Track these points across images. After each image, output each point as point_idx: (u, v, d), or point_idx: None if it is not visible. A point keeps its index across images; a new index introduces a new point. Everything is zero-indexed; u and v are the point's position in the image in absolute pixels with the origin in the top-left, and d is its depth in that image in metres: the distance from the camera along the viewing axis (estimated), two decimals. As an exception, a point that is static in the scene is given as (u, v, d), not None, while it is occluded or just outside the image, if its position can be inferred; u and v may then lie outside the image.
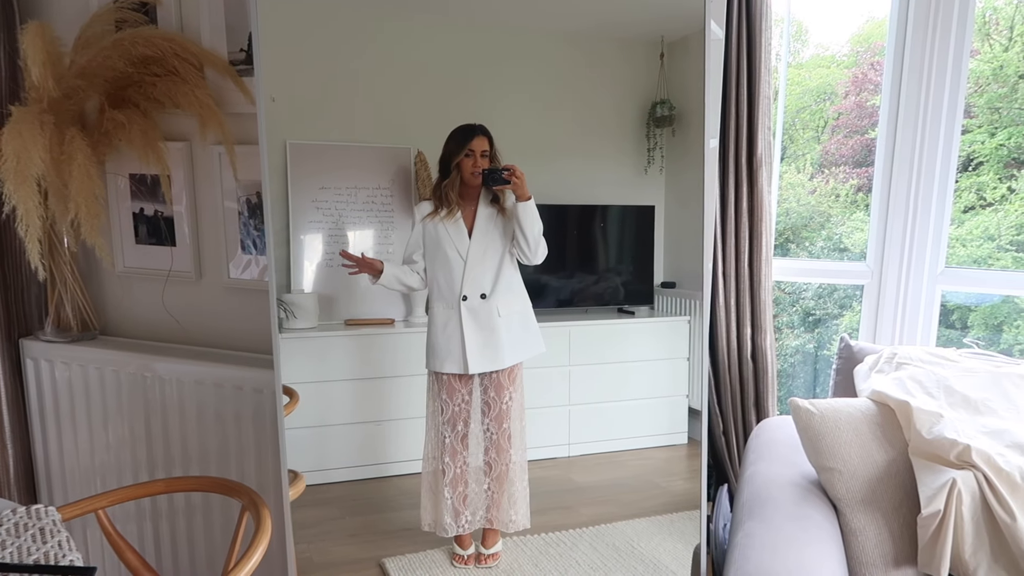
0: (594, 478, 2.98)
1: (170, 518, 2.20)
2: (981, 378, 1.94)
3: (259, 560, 1.44)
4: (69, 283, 2.22)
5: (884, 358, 2.10)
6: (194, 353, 2.17)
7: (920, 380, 1.93)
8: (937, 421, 1.75)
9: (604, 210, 2.88)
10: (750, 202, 2.58)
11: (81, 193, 1.91)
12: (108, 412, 2.23)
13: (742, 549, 1.63)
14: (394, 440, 2.85)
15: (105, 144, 2.05)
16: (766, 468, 2.00)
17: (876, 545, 1.73)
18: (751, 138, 2.55)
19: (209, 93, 2.00)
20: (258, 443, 2.04)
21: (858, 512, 1.76)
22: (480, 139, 2.32)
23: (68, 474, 2.34)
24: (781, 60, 2.90)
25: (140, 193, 2.23)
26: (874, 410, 1.85)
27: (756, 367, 2.69)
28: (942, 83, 2.51)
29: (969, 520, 1.63)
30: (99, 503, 1.69)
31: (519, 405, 2.49)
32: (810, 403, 1.83)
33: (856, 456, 1.77)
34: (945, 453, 1.69)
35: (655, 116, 2.88)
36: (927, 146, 2.55)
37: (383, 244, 2.79)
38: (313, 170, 2.68)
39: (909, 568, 1.71)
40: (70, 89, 1.99)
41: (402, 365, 2.75)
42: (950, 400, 1.88)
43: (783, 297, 3.32)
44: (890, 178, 2.63)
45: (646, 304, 2.95)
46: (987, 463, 1.66)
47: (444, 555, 2.57)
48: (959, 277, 2.65)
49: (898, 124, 2.59)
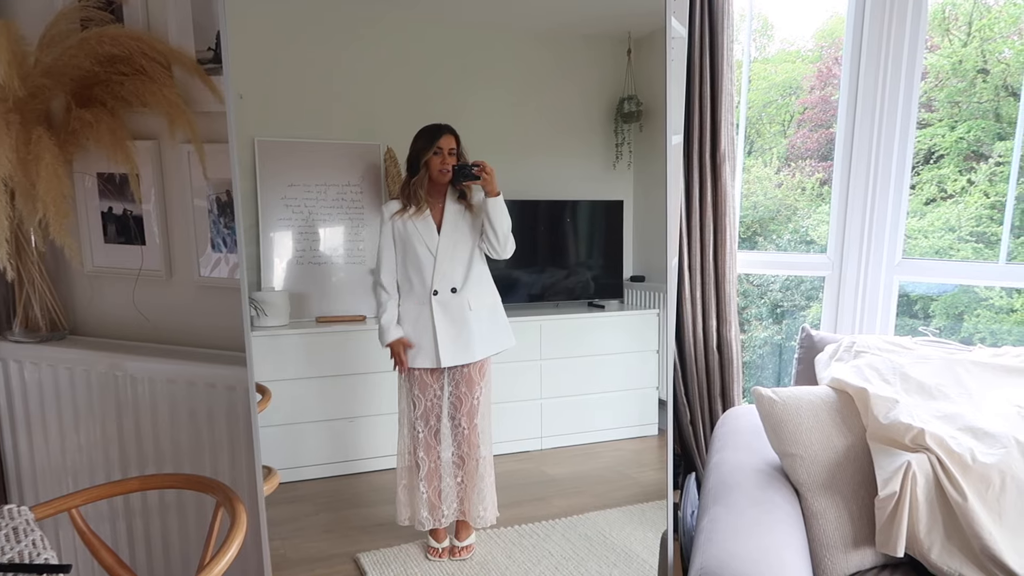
0: (566, 470, 3.00)
1: (144, 517, 2.20)
2: (935, 365, 2.01)
3: (234, 555, 1.45)
4: (37, 283, 2.20)
5: (843, 347, 2.16)
6: (166, 352, 2.17)
7: (877, 367, 1.99)
8: (893, 407, 1.81)
9: (573, 205, 2.90)
10: (714, 196, 2.64)
11: (49, 193, 1.89)
12: (79, 412, 2.22)
13: (708, 534, 1.67)
14: (366, 436, 2.84)
15: (72, 143, 2.04)
16: (731, 456, 2.05)
17: (836, 527, 1.78)
18: (715, 134, 2.60)
19: (177, 92, 1.99)
20: (231, 440, 2.04)
21: (819, 496, 1.81)
22: (447, 137, 2.34)
23: (39, 475, 2.32)
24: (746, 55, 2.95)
25: (108, 192, 2.21)
26: (834, 397, 1.91)
27: (722, 358, 2.75)
28: (897, 77, 2.58)
29: (924, 501, 1.69)
30: (72, 502, 1.68)
31: (487, 400, 2.52)
32: (772, 391, 1.88)
33: (817, 442, 1.83)
34: (901, 437, 1.75)
35: (623, 112, 2.91)
36: (884, 139, 2.62)
37: (353, 241, 2.79)
38: (282, 167, 2.66)
39: (867, 548, 1.77)
40: (36, 88, 1.97)
41: (373, 362, 2.74)
42: (905, 386, 1.94)
43: (751, 290, 3.37)
44: (849, 171, 2.70)
45: (616, 298, 2.98)
46: (940, 446, 1.72)
47: (418, 549, 2.58)
48: (916, 268, 2.73)
49: (856, 118, 2.66)
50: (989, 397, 1.92)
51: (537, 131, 2.87)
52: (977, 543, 1.63)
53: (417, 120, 2.56)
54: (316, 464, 2.79)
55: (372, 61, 2.68)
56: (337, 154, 2.71)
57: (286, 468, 2.74)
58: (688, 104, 2.60)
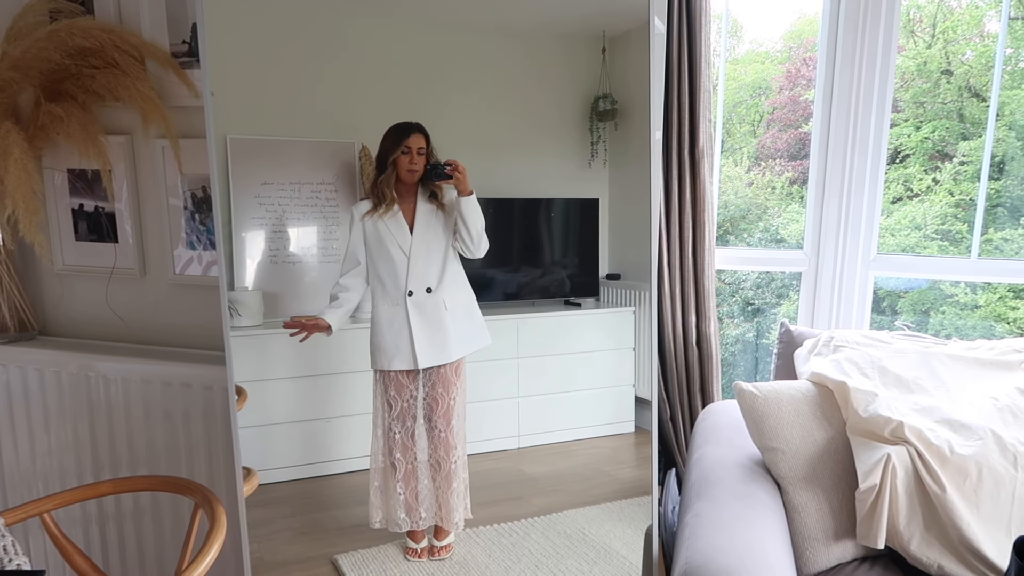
0: (544, 468, 3.01)
1: (118, 521, 2.15)
2: (912, 358, 2.03)
3: (215, 557, 1.43)
4: (5, 282, 2.14)
5: (822, 341, 2.18)
6: (140, 351, 2.12)
7: (856, 361, 2.01)
8: (872, 400, 1.83)
9: (549, 203, 2.91)
10: (693, 192, 2.65)
11: (18, 189, 1.84)
12: (50, 414, 2.16)
13: (691, 528, 1.67)
14: (339, 437, 2.82)
15: (41, 139, 1.98)
16: (712, 451, 2.06)
17: (817, 520, 1.79)
18: (693, 130, 2.61)
19: (151, 86, 1.95)
20: (208, 441, 2.01)
21: (800, 489, 1.82)
22: (416, 136, 2.33)
23: (8, 479, 2.26)
24: (720, 55, 2.97)
25: (79, 189, 2.16)
26: (814, 391, 1.93)
27: (701, 353, 2.76)
28: (872, 77, 2.61)
29: (903, 493, 1.71)
30: (44, 506, 1.64)
31: (463, 401, 2.51)
32: (753, 386, 1.89)
33: (797, 436, 1.84)
34: (880, 430, 1.77)
35: (598, 110, 2.92)
36: (859, 138, 2.65)
37: (327, 240, 2.76)
38: (255, 166, 2.63)
39: (848, 541, 1.78)
40: (2, 82, 1.92)
41: (346, 362, 2.73)
42: (884, 380, 1.96)
43: (723, 287, 3.40)
44: (824, 169, 2.73)
45: (592, 296, 2.99)
46: (919, 438, 1.74)
47: (397, 549, 2.57)
48: (891, 263, 2.77)
49: (831, 117, 2.69)
50: (965, 389, 1.95)
51: (512, 130, 2.87)
52: (955, 534, 1.66)
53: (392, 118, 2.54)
54: (289, 466, 2.77)
55: (347, 59, 2.67)
56: (311, 152, 2.69)
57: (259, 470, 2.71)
58: (667, 101, 2.60)
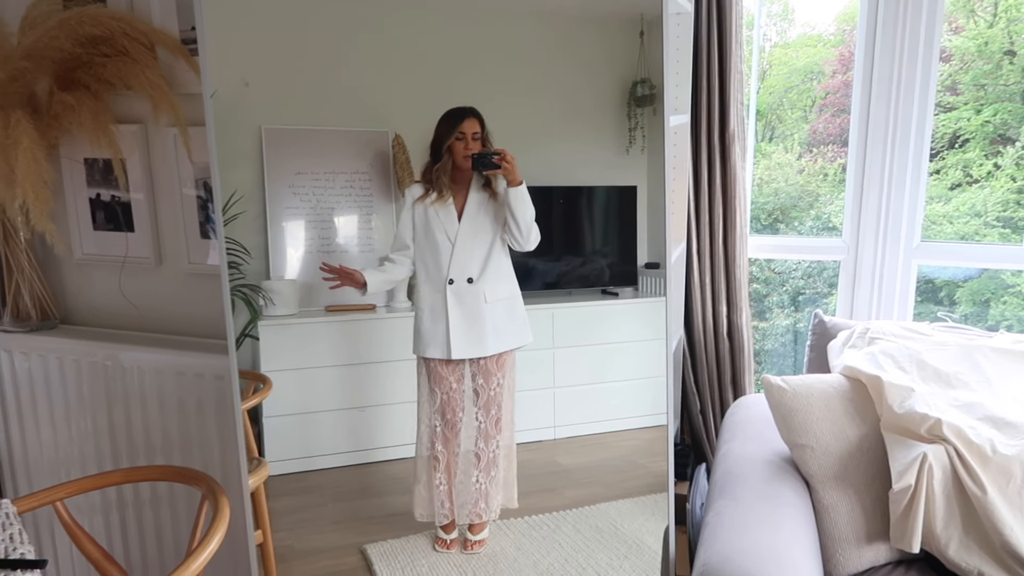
0: (579, 460, 2.97)
1: (136, 509, 2.16)
2: (953, 352, 1.92)
3: (216, 547, 1.40)
4: (26, 271, 2.16)
5: (857, 333, 2.08)
6: (153, 340, 2.12)
7: (892, 354, 1.91)
8: (908, 395, 1.73)
9: (587, 191, 2.85)
10: (723, 179, 2.55)
11: (28, 178, 1.85)
12: (70, 403, 2.18)
13: (712, 528, 1.61)
14: (377, 426, 2.82)
15: (56, 128, 1.99)
16: (739, 446, 1.99)
17: (848, 521, 1.72)
18: (723, 113, 2.51)
19: (161, 73, 1.93)
20: (221, 432, 2.00)
21: (830, 488, 1.74)
22: (471, 121, 2.28)
23: (33, 466, 2.29)
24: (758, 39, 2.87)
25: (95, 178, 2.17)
26: (846, 385, 1.84)
27: (732, 345, 2.67)
28: (914, 58, 2.48)
29: (940, 494, 1.62)
30: (56, 494, 1.65)
31: (509, 391, 2.46)
32: (782, 380, 1.82)
33: (828, 432, 1.76)
34: (916, 427, 1.68)
35: (636, 95, 2.85)
36: (901, 119, 2.53)
37: (364, 229, 2.75)
38: (289, 155, 2.63)
39: (882, 543, 1.70)
40: (16, 71, 1.92)
41: (384, 351, 2.72)
42: (922, 374, 1.86)
43: (772, 277, 3.31)
44: (864, 152, 2.60)
45: (630, 285, 2.93)
46: (958, 436, 1.64)
47: (426, 540, 2.55)
48: (936, 251, 2.63)
49: (871, 97, 2.56)
50: (1010, 385, 1.84)
51: (548, 116, 2.81)
52: (997, 538, 1.56)
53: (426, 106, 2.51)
54: (326, 454, 2.77)
55: (381, 47, 2.64)
56: (345, 141, 2.68)
57: (296, 458, 2.73)
58: (695, 83, 2.51)
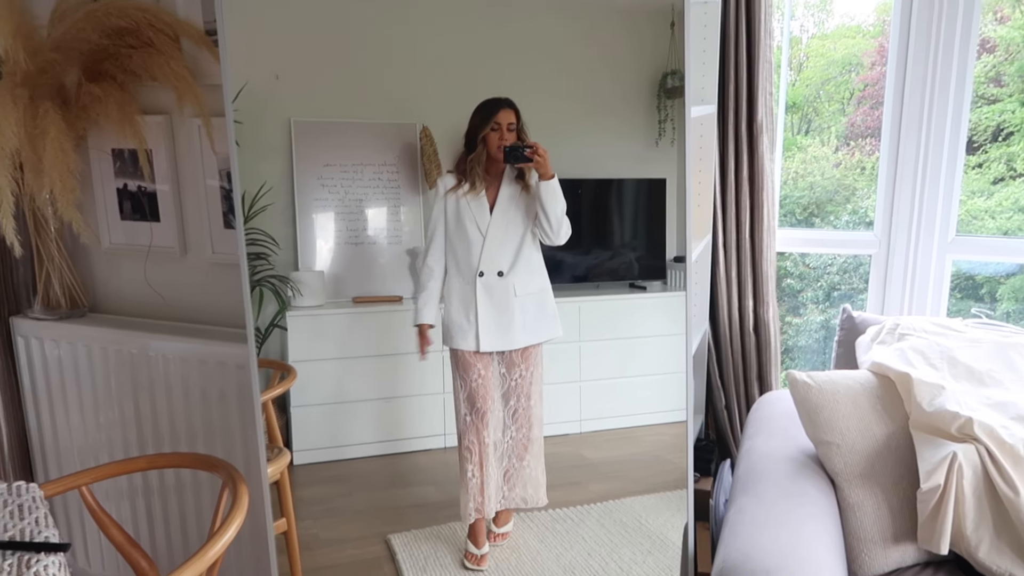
0: (605, 454, 2.95)
1: (162, 495, 2.20)
2: (987, 349, 1.87)
3: (234, 534, 1.42)
4: (56, 260, 2.20)
5: (886, 329, 2.03)
6: (178, 329, 2.15)
7: (923, 351, 1.86)
8: (939, 393, 1.69)
9: (616, 184, 2.82)
10: (751, 170, 2.50)
11: (55, 168, 1.88)
12: (98, 390, 2.22)
13: (733, 526, 1.58)
14: (405, 417, 2.83)
15: (84, 119, 2.02)
16: (763, 443, 1.95)
17: (875, 521, 1.68)
18: (751, 104, 2.46)
19: (185, 64, 1.95)
20: (243, 420, 2.02)
21: (856, 487, 1.71)
22: (506, 111, 2.26)
23: (63, 452, 2.34)
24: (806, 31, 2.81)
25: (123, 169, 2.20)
26: (874, 382, 1.79)
27: (759, 340, 2.62)
28: (950, 47, 2.40)
29: (971, 495, 1.57)
30: (82, 480, 1.68)
31: (537, 384, 2.44)
32: (808, 375, 1.78)
33: (855, 429, 1.72)
34: (946, 426, 1.63)
35: (666, 87, 2.80)
36: (936, 111, 2.46)
37: (393, 221, 2.76)
38: (318, 148, 2.65)
39: (909, 544, 1.66)
40: (45, 63, 1.95)
41: (412, 342, 2.72)
42: (953, 371, 1.81)
43: (807, 272, 3.25)
44: (898, 143, 2.53)
45: (659, 279, 2.90)
46: (990, 436, 1.59)
47: (450, 531, 2.55)
48: (972, 245, 2.56)
49: (905, 88, 2.49)
50: (1047, 384, 1.77)
51: (576, 108, 2.79)
52: (1030, 542, 1.50)
53: (454, 99, 2.51)
54: (354, 444, 2.79)
55: (409, 40, 2.64)
56: (373, 134, 2.69)
57: (322, 448, 2.75)
58: (723, 72, 2.46)
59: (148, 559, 1.68)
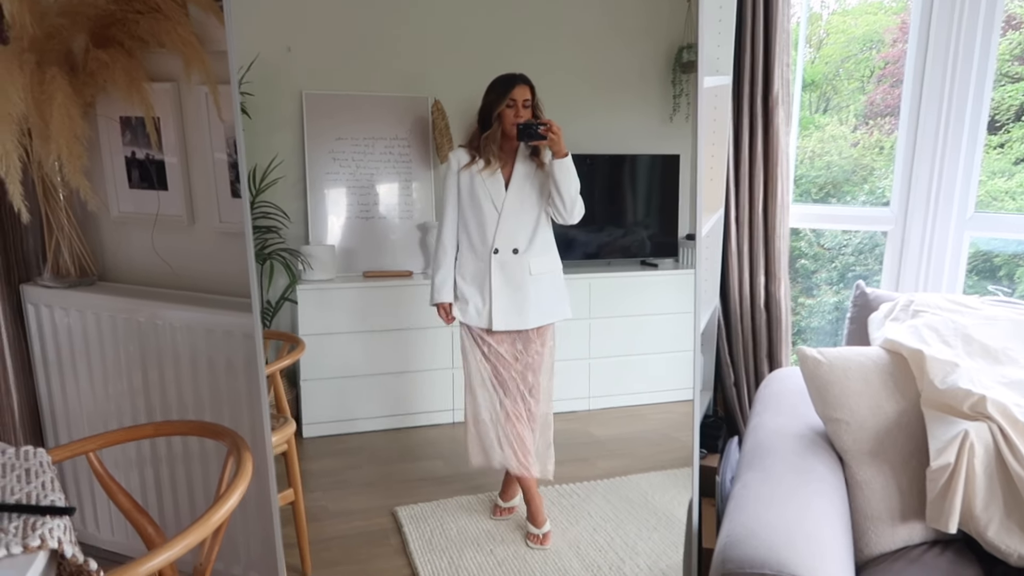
0: (613, 431, 2.96)
1: (170, 464, 2.21)
2: (1003, 326, 1.83)
3: (238, 499, 1.42)
4: (66, 229, 2.21)
5: (900, 306, 1.99)
6: (186, 298, 2.16)
7: (937, 328, 1.83)
8: (952, 371, 1.66)
9: (630, 160, 2.80)
10: (765, 144, 2.46)
11: (62, 134, 1.87)
12: (107, 358, 2.23)
13: (739, 500, 1.57)
14: (413, 392, 2.85)
15: (91, 85, 2.01)
16: (771, 419, 1.94)
17: (883, 498, 1.67)
18: (767, 75, 2.41)
19: (192, 31, 1.94)
20: (250, 390, 2.02)
21: (865, 464, 1.69)
22: (521, 88, 2.24)
23: (72, 419, 2.36)
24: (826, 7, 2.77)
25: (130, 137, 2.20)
26: (886, 359, 1.77)
27: (770, 316, 2.60)
28: (975, 23, 2.34)
29: (982, 474, 1.55)
30: (89, 446, 1.68)
31: (550, 360, 2.45)
32: (818, 351, 1.76)
33: (865, 406, 1.70)
34: (959, 404, 1.61)
35: (681, 61, 2.77)
36: (958, 87, 2.40)
37: (404, 196, 2.76)
38: (330, 121, 2.65)
39: (916, 522, 1.65)
40: (52, 28, 1.94)
41: (422, 317, 2.73)
42: (968, 349, 1.78)
43: (821, 253, 3.21)
44: (917, 119, 2.48)
45: (671, 256, 2.88)
46: (1003, 414, 1.57)
47: (456, 505, 2.58)
48: (991, 222, 2.51)
49: (927, 62, 2.44)
50: (1064, 363, 1.74)
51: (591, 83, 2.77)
52: (1041, 522, 1.48)
53: (466, 72, 2.49)
54: (363, 418, 2.81)
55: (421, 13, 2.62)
56: (385, 107, 2.68)
57: (331, 421, 2.77)
58: (739, 42, 2.41)
59: (155, 525, 1.70)
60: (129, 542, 2.34)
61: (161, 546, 1.23)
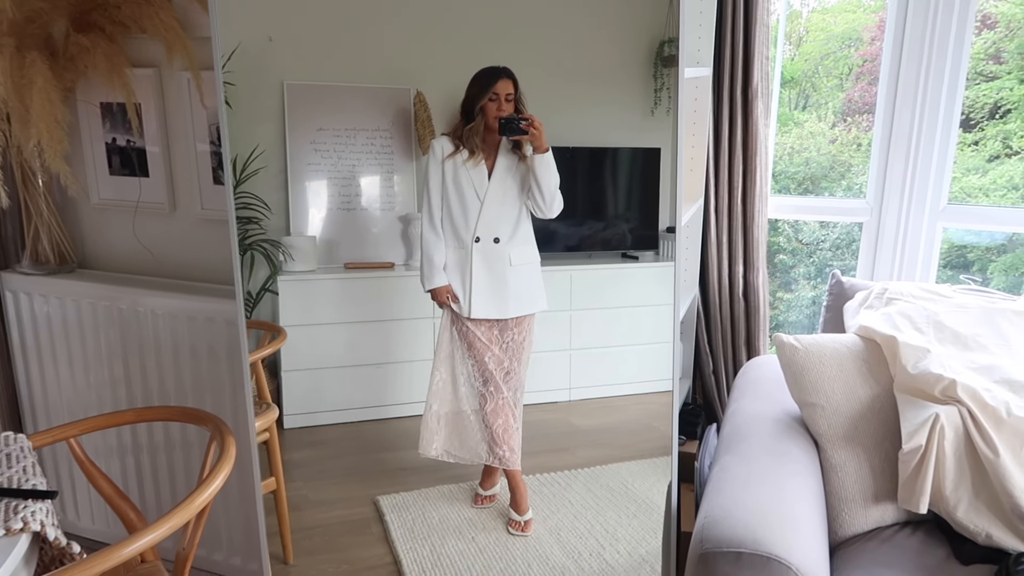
0: (593, 421, 2.98)
1: (151, 453, 2.21)
2: (973, 314, 1.88)
3: (222, 483, 1.43)
4: (45, 215, 2.19)
5: (875, 294, 2.03)
6: (167, 285, 2.15)
7: (909, 315, 1.87)
8: (923, 356, 1.70)
9: (611, 153, 2.81)
10: (744, 135, 2.49)
11: (42, 118, 1.86)
12: (87, 345, 2.22)
13: (717, 483, 1.60)
14: (394, 383, 2.85)
15: (72, 70, 1.99)
16: (749, 405, 1.97)
17: (856, 481, 1.70)
18: (747, 67, 2.44)
19: (174, 16, 1.92)
20: (232, 377, 2.02)
21: (839, 448, 1.73)
22: (504, 82, 2.24)
23: (52, 408, 2.34)
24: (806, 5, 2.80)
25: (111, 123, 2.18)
26: (860, 345, 1.81)
27: (748, 305, 2.63)
28: (948, 22, 2.39)
29: (951, 456, 1.59)
30: (70, 431, 1.68)
31: (528, 350, 2.46)
32: (794, 338, 1.79)
33: (839, 392, 1.74)
34: (930, 388, 1.64)
35: (663, 56, 2.79)
36: (932, 84, 2.45)
37: (383, 187, 2.75)
38: (311, 112, 2.64)
39: (888, 504, 1.69)
40: (32, 12, 1.92)
41: (402, 308, 2.74)
42: (939, 336, 1.82)
43: (799, 248, 3.25)
44: (892, 111, 2.52)
45: (651, 249, 2.90)
46: (972, 398, 1.61)
47: (438, 493, 2.59)
48: (963, 214, 2.56)
49: (902, 55, 2.48)
50: (1032, 348, 1.79)
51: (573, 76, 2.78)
52: (1008, 502, 1.53)
53: (449, 64, 2.48)
54: (343, 408, 2.81)
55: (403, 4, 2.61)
56: (367, 98, 2.67)
57: (311, 412, 2.77)
58: (719, 34, 2.44)
59: (136, 511, 1.69)
60: (110, 529, 2.33)
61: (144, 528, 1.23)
